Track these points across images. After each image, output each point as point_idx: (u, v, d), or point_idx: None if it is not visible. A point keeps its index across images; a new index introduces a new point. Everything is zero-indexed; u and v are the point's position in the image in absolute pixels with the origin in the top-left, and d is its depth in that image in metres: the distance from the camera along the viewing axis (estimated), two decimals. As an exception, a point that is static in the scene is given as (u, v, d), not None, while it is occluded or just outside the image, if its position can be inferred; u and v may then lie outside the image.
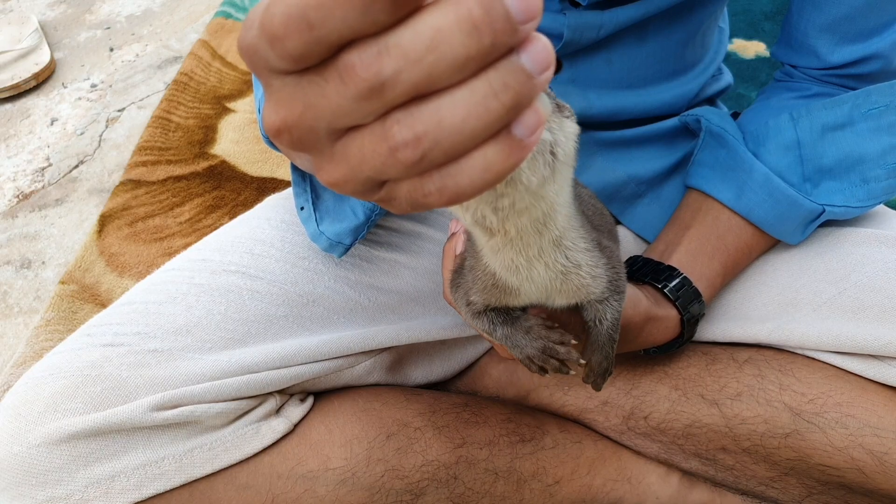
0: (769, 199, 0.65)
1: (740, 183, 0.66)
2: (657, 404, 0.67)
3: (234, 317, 0.62)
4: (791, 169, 0.65)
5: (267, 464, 0.60)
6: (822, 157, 0.64)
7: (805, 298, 0.65)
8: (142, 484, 0.56)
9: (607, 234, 0.54)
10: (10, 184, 1.31)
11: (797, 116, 0.65)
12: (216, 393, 0.58)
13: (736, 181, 0.66)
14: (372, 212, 0.62)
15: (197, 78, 1.51)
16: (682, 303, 0.62)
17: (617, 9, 0.66)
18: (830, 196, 0.64)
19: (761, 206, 0.65)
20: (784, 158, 0.65)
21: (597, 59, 0.71)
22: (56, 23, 1.74)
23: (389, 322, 0.67)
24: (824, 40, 0.66)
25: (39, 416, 0.55)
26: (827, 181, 0.64)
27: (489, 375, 0.74)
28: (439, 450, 0.64)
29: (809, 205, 0.64)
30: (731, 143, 0.68)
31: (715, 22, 0.77)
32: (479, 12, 0.21)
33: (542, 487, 0.66)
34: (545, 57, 0.23)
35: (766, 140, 0.66)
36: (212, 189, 1.25)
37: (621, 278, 0.48)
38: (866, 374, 0.63)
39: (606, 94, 0.72)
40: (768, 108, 0.69)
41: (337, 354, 0.64)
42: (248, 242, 0.67)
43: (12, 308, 1.08)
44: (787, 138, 0.65)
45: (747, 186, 0.65)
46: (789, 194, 0.64)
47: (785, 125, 0.65)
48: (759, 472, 0.65)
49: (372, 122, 0.24)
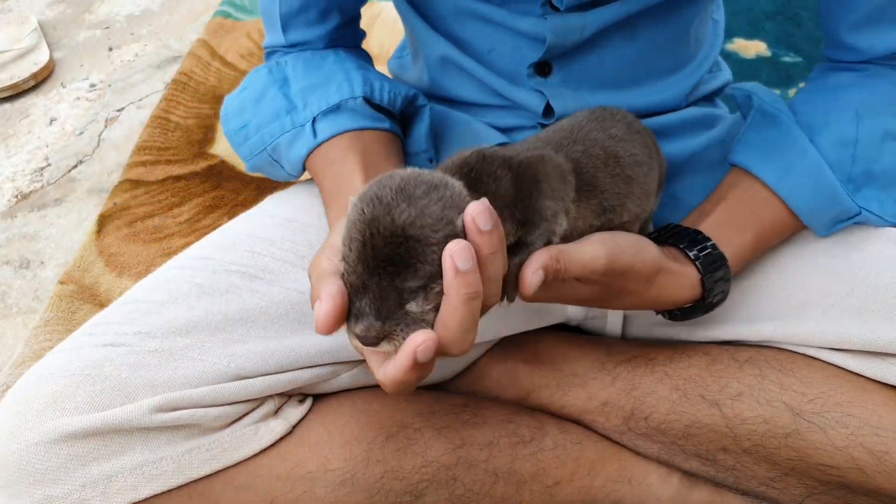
0: (813, 187, 0.64)
1: (787, 165, 0.65)
2: (657, 405, 0.67)
3: (235, 318, 0.62)
4: (840, 165, 0.64)
5: (266, 465, 0.60)
6: (875, 161, 0.63)
7: (814, 300, 0.65)
8: (139, 484, 0.56)
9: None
10: (9, 184, 1.31)
11: (863, 114, 0.64)
12: (215, 397, 0.58)
13: (783, 163, 0.65)
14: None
15: (196, 78, 1.51)
16: (703, 263, 0.60)
17: (599, 9, 0.66)
18: (868, 202, 0.64)
19: (803, 192, 0.64)
20: (836, 153, 0.64)
21: (587, 59, 0.71)
22: (55, 22, 1.74)
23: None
24: (861, 35, 0.65)
25: (38, 415, 0.55)
26: (870, 188, 0.64)
27: (489, 376, 0.74)
28: (439, 451, 0.64)
29: (849, 203, 0.63)
30: (785, 125, 0.66)
31: (708, 15, 0.77)
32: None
33: (542, 488, 0.66)
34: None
35: (822, 129, 0.65)
36: (211, 189, 1.25)
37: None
38: (867, 373, 0.63)
39: (600, 94, 0.72)
40: (827, 94, 0.68)
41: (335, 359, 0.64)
42: (249, 240, 0.67)
43: (11, 308, 1.08)
44: (846, 134, 0.64)
45: (794, 170, 0.64)
46: (834, 188, 0.63)
47: (848, 120, 0.64)
48: (760, 472, 0.65)
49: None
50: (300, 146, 0.67)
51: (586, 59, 0.71)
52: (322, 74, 0.70)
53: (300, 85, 0.70)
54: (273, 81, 0.71)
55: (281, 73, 0.72)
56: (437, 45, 0.74)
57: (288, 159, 0.70)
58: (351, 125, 0.67)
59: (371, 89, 0.69)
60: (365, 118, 0.68)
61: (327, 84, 0.69)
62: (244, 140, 0.71)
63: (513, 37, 0.69)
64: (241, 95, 0.73)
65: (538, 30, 0.67)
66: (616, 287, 0.56)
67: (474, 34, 0.72)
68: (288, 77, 0.71)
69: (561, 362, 0.71)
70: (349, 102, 0.68)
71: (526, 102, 0.73)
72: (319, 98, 0.68)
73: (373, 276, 0.42)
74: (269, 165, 0.72)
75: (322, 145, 0.67)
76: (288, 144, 0.68)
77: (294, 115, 0.68)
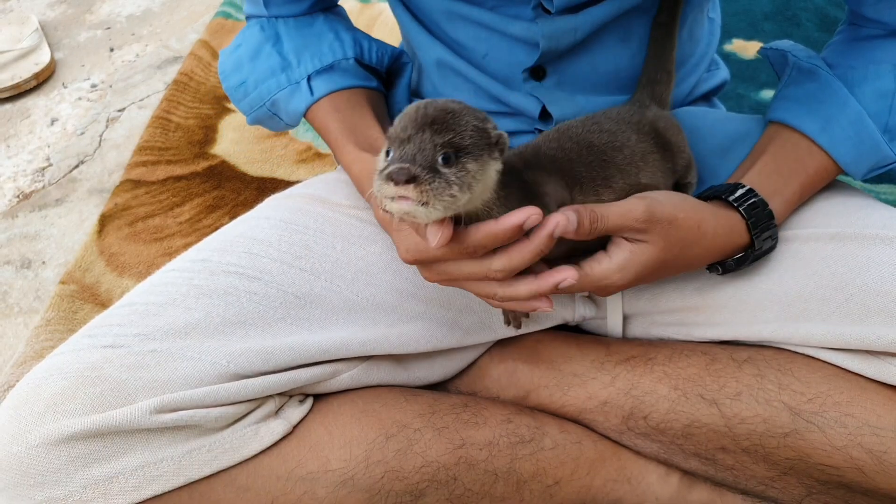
0: (855, 137, 0.65)
1: (828, 116, 0.66)
2: (657, 404, 0.67)
3: (233, 319, 0.62)
4: (878, 116, 0.65)
5: (266, 465, 0.61)
6: None
7: (814, 308, 0.64)
8: (140, 485, 0.56)
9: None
10: (11, 184, 1.31)
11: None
12: (215, 397, 0.58)
13: (823, 114, 0.66)
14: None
15: (197, 78, 1.51)
16: (745, 208, 0.62)
17: (590, 9, 0.66)
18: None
19: (845, 142, 0.66)
20: (875, 104, 0.65)
21: (581, 62, 0.71)
22: (56, 23, 1.74)
23: (388, 325, 0.67)
24: (885, 10, 0.66)
25: (39, 417, 0.55)
26: None
27: (489, 376, 0.74)
28: (439, 451, 0.64)
29: (888, 152, 0.65)
30: (825, 78, 0.68)
31: (702, 13, 0.77)
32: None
33: (542, 488, 0.66)
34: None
35: (861, 82, 0.66)
36: (212, 189, 1.25)
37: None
38: (866, 373, 0.63)
39: (596, 97, 0.72)
40: (862, 48, 0.69)
41: (334, 356, 0.64)
42: (246, 242, 0.67)
43: (12, 308, 1.08)
44: (884, 85, 0.66)
45: (836, 121, 0.66)
46: (875, 137, 0.65)
47: (886, 72, 0.66)
48: (759, 471, 0.65)
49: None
50: (298, 101, 0.74)
51: (580, 62, 0.71)
52: (313, 33, 0.76)
53: (293, 43, 0.75)
54: (266, 39, 0.76)
55: (273, 31, 0.77)
56: (433, 49, 0.75)
57: (286, 112, 0.77)
58: (344, 83, 0.74)
59: (361, 50, 0.77)
60: (356, 77, 0.76)
61: (319, 43, 0.75)
62: (244, 96, 0.77)
63: (506, 41, 0.70)
64: (236, 52, 0.78)
65: (530, 33, 0.68)
66: (673, 239, 0.58)
67: (468, 38, 0.72)
68: (280, 34, 0.76)
69: (560, 362, 0.72)
70: (342, 63, 0.75)
71: (522, 107, 0.73)
72: (313, 56, 0.74)
73: (418, 132, 0.50)
74: (269, 118, 0.79)
75: (322, 100, 0.73)
76: (286, 100, 0.75)
77: (289, 73, 0.75)
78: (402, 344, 0.67)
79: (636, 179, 0.63)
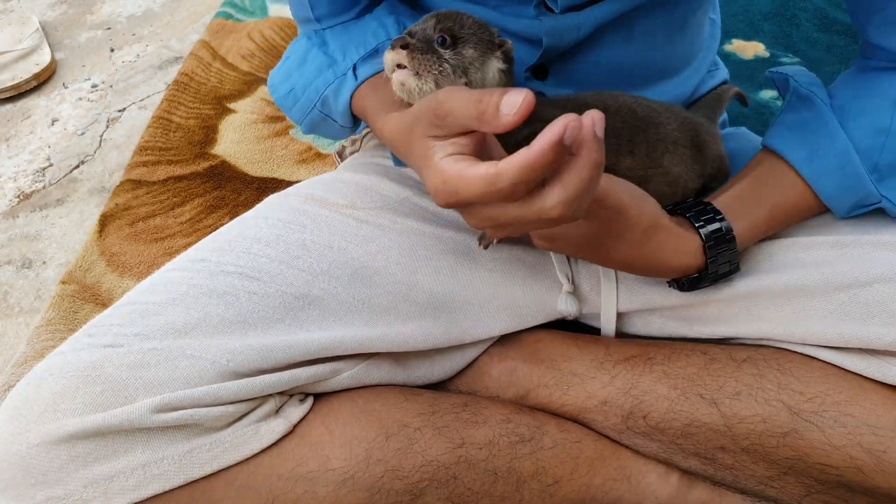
0: (839, 171, 0.63)
1: (816, 147, 0.64)
2: (656, 404, 0.67)
3: (232, 319, 0.62)
4: (869, 153, 0.63)
5: (267, 464, 0.61)
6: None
7: (814, 306, 0.64)
8: (141, 484, 0.56)
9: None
10: (11, 184, 1.31)
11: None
12: (215, 396, 0.58)
13: (812, 144, 0.65)
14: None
15: (197, 78, 1.51)
16: (706, 232, 0.61)
17: (593, 7, 0.66)
18: (891, 192, 0.63)
19: (829, 175, 0.64)
20: (868, 140, 0.63)
21: (583, 62, 0.71)
22: (57, 23, 1.75)
23: (386, 324, 0.67)
24: (888, 36, 0.64)
25: (39, 416, 0.55)
26: (892, 179, 0.63)
27: (488, 375, 0.74)
28: (439, 450, 0.64)
29: (872, 190, 0.63)
30: (818, 107, 0.66)
31: (705, 14, 0.77)
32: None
33: (542, 487, 0.66)
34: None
35: (857, 115, 0.64)
36: (212, 189, 1.25)
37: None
38: (865, 372, 0.63)
39: None
40: (866, 80, 0.67)
41: (333, 354, 0.65)
42: (245, 242, 0.68)
43: (13, 308, 1.08)
44: (881, 122, 0.63)
45: (822, 152, 0.64)
46: (860, 174, 0.63)
47: (885, 109, 0.63)
48: (758, 471, 0.65)
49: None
50: (345, 92, 0.71)
51: (583, 62, 0.71)
52: (358, 28, 0.74)
53: (339, 41, 0.74)
54: (312, 44, 0.75)
55: (320, 37, 0.75)
56: None
57: (336, 110, 0.73)
58: None
59: (405, 29, 0.70)
60: None
61: (364, 33, 0.73)
62: (294, 103, 0.75)
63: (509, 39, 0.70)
64: (284, 65, 0.77)
65: (533, 31, 0.68)
66: (611, 230, 0.57)
67: None
68: (327, 39, 0.75)
69: (560, 361, 0.72)
70: (385, 45, 0.71)
71: None
72: (357, 46, 0.72)
73: (426, 21, 0.58)
74: (323, 122, 0.77)
75: (363, 84, 0.71)
76: (334, 95, 0.72)
77: (335, 68, 0.72)
78: (402, 342, 0.67)
79: (659, 160, 0.64)
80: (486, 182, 0.44)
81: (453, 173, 0.47)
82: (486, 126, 0.45)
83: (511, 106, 0.43)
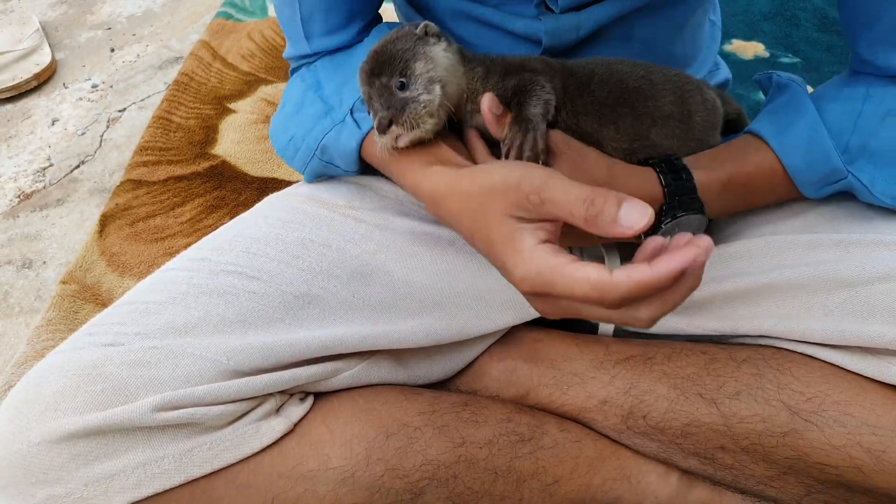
0: (807, 143, 0.63)
1: (787, 122, 0.65)
2: (656, 403, 0.67)
3: (232, 318, 0.62)
4: (840, 133, 0.63)
5: (267, 463, 0.61)
6: (873, 136, 0.62)
7: (815, 303, 0.64)
8: (141, 483, 0.56)
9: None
10: (12, 184, 1.31)
11: (872, 94, 0.64)
12: (216, 395, 0.58)
13: (783, 120, 0.65)
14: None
15: (198, 78, 1.51)
16: (662, 168, 0.62)
17: (592, 7, 0.66)
18: (860, 172, 0.63)
19: (797, 148, 0.64)
20: (839, 120, 0.63)
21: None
22: (57, 23, 1.75)
23: (386, 322, 0.67)
24: (879, 53, 0.64)
25: (40, 415, 0.55)
26: (863, 160, 0.63)
27: (489, 375, 0.74)
28: (439, 449, 0.64)
29: (839, 164, 0.62)
30: (794, 90, 0.67)
31: (704, 15, 0.77)
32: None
33: (542, 487, 0.67)
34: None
35: (832, 100, 0.65)
36: (213, 189, 1.25)
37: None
38: (865, 372, 0.63)
39: None
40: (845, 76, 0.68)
41: (333, 352, 0.65)
42: (244, 241, 0.68)
43: (13, 308, 1.08)
44: (852, 107, 0.64)
45: (792, 127, 0.64)
46: (826, 147, 0.62)
47: (857, 96, 0.64)
48: (758, 470, 0.65)
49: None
50: (347, 139, 0.69)
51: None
52: (351, 66, 0.72)
53: (333, 84, 0.72)
54: (308, 87, 0.73)
55: (314, 77, 0.73)
56: None
57: (340, 156, 0.71)
58: None
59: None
60: None
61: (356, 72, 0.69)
62: (294, 152, 0.73)
63: (508, 38, 0.70)
64: (282, 112, 0.75)
65: (533, 31, 0.68)
66: (579, 164, 0.59)
67: (471, 36, 0.72)
68: (320, 80, 0.73)
69: (560, 361, 0.72)
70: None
71: None
72: (352, 90, 0.70)
73: (370, 86, 0.60)
74: (324, 168, 0.74)
75: (370, 133, 0.68)
76: (334, 142, 0.70)
77: (333, 115, 0.70)
78: (402, 339, 0.67)
79: (646, 133, 0.65)
80: (593, 288, 0.44)
81: (552, 268, 0.46)
82: (594, 229, 0.45)
83: (632, 222, 0.44)
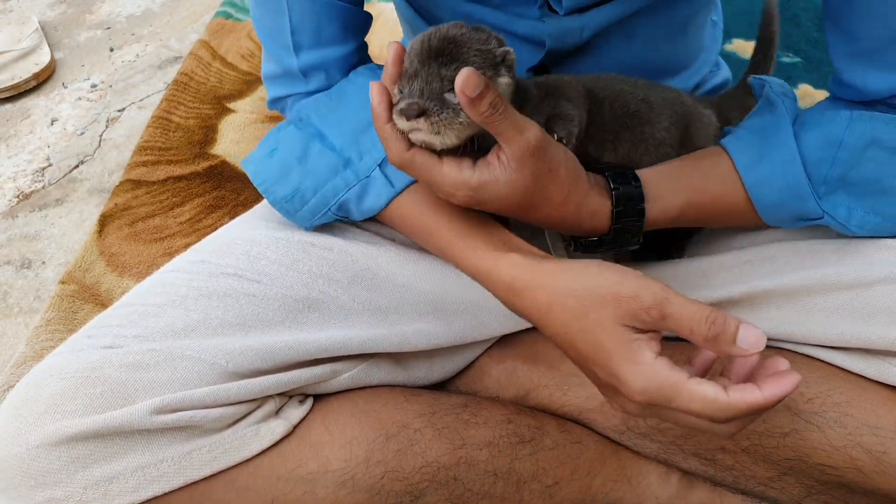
0: (782, 180, 0.61)
1: (764, 152, 0.62)
2: (656, 404, 0.67)
3: (231, 321, 0.62)
4: (819, 165, 0.61)
5: (267, 465, 0.61)
6: (853, 167, 0.60)
7: (817, 305, 0.64)
8: (140, 486, 0.56)
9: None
10: (11, 184, 1.31)
11: (856, 119, 0.61)
12: (215, 398, 0.58)
13: (761, 149, 0.63)
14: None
15: (197, 78, 1.51)
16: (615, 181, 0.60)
17: (595, 10, 0.66)
18: (835, 208, 0.61)
19: (770, 184, 0.62)
20: (819, 151, 0.61)
21: (585, 63, 0.71)
22: (56, 23, 1.74)
23: (387, 326, 0.67)
24: (857, 71, 0.62)
25: (39, 418, 0.55)
26: (842, 193, 0.61)
27: (489, 376, 0.74)
28: (439, 451, 0.64)
29: (814, 206, 0.61)
30: (779, 113, 0.64)
31: (706, 16, 0.77)
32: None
33: (542, 488, 0.66)
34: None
35: (813, 126, 0.62)
36: (212, 189, 1.25)
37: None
38: (865, 373, 0.63)
39: None
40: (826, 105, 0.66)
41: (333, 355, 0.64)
42: (244, 244, 0.67)
43: (12, 308, 1.08)
44: (833, 134, 0.61)
45: (768, 159, 0.62)
46: (802, 188, 0.61)
47: (839, 121, 0.61)
48: (759, 471, 0.65)
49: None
50: (375, 197, 0.66)
51: (584, 63, 0.71)
52: (354, 114, 0.67)
53: (338, 132, 0.67)
54: (310, 136, 0.67)
55: (311, 127, 0.68)
56: None
57: (360, 212, 0.67)
58: None
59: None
60: None
61: (370, 126, 0.64)
62: (301, 205, 0.67)
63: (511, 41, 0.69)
64: (272, 158, 0.68)
65: (536, 33, 0.68)
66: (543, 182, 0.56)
67: None
68: (322, 131, 0.68)
69: (560, 362, 0.72)
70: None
71: None
72: (371, 141, 0.66)
73: (424, 66, 0.53)
74: (332, 220, 0.70)
75: (403, 192, 0.65)
76: (357, 198, 0.66)
77: (354, 168, 0.66)
78: (402, 342, 0.67)
79: (638, 160, 0.64)
80: (709, 405, 0.47)
81: (673, 384, 0.48)
82: (712, 348, 0.48)
83: (749, 345, 0.47)
